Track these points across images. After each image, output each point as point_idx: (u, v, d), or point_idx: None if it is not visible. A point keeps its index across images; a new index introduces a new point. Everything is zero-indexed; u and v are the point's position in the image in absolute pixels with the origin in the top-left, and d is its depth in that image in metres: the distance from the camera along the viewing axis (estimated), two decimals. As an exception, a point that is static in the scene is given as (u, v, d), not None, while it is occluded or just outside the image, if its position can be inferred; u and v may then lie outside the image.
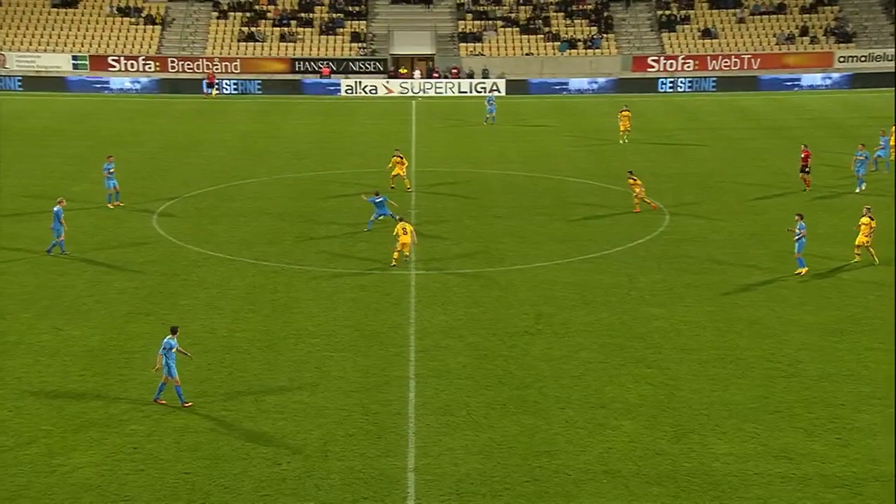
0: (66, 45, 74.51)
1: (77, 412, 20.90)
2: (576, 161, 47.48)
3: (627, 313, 26.76)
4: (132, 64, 72.77)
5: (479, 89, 71.59)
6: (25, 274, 29.79)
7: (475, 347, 24.48)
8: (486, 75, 73.52)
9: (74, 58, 72.72)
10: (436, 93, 71.59)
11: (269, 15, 78.55)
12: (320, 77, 72.75)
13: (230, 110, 64.02)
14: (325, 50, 75.88)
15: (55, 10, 77.39)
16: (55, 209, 31.32)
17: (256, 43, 76.01)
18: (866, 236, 30.29)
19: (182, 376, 22.54)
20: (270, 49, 75.74)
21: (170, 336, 21.22)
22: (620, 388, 22.15)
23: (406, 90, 71.61)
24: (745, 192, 40.81)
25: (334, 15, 78.90)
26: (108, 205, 37.75)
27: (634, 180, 37.21)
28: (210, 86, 69.78)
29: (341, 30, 77.52)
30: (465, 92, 71.75)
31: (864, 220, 30.44)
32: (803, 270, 29.56)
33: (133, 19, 77.17)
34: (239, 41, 76.08)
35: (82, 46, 74.58)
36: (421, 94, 71.31)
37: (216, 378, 22.58)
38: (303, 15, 78.75)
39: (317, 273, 30.20)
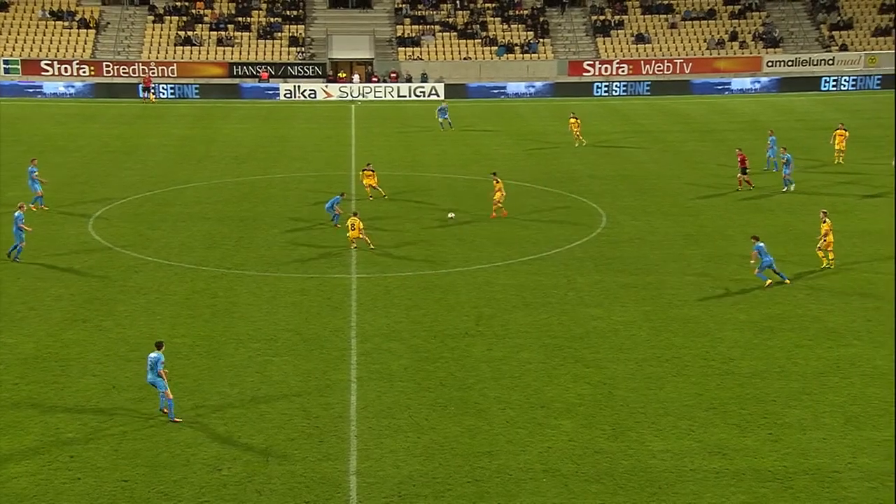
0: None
1: (12, 421, 20.42)
2: (514, 164, 47.76)
3: (566, 314, 26.99)
4: (66, 68, 71.40)
5: (419, 93, 71.66)
6: (-43, 282, 29.05)
7: (416, 350, 24.47)
8: (424, 79, 73.60)
9: (6, 62, 71.11)
10: (375, 97, 71.44)
11: (206, 19, 77.69)
12: (259, 81, 72.16)
13: (168, 115, 63.15)
14: (264, 54, 75.26)
15: (-14, 13, 75.56)
16: (16, 214, 30.78)
17: (193, 47, 75.10)
18: (827, 241, 30.10)
19: (121, 382, 22.22)
20: (208, 53, 74.89)
21: (157, 351, 20.67)
22: (560, 387, 22.33)
23: (345, 94, 71.36)
24: (679, 193, 41.43)
25: (272, 19, 78.30)
26: (32, 206, 37.08)
27: (498, 182, 36.91)
28: (146, 90, 68.64)
29: (279, 34, 76.98)
30: (405, 96, 71.74)
31: (825, 225, 30.06)
32: (767, 282, 28.88)
33: (66, 23, 75.69)
34: (175, 45, 75.09)
35: (13, 51, 72.94)
36: (360, 98, 71.12)
37: (155, 384, 22.23)
38: (240, 19, 78.03)
39: (257, 277, 29.93)
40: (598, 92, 73.20)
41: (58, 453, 19.18)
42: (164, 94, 70.19)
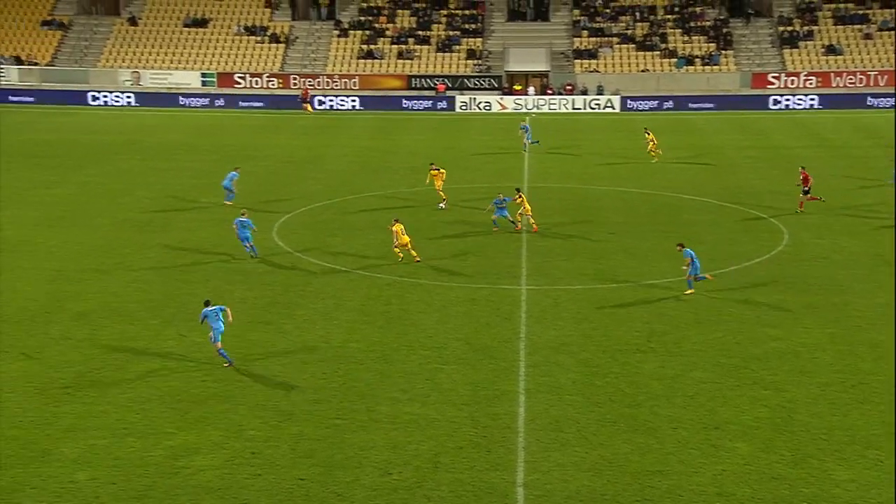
0: (195, 63, 77.21)
1: (199, 416, 21.52)
2: (691, 178, 46.58)
3: (743, 333, 26.04)
4: (256, 81, 74.96)
5: (594, 105, 71.13)
6: (153, 282, 30.91)
7: (586, 364, 24.21)
8: (600, 92, 72.97)
9: (203, 75, 75.32)
10: (550, 109, 71.39)
11: (387, 33, 79.84)
12: (436, 94, 73.49)
13: (349, 126, 65.23)
14: (441, 67, 76.61)
15: (187, 29, 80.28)
16: (241, 220, 32.87)
17: (375, 60, 77.32)
18: None
19: (299, 384, 23.03)
20: (388, 66, 76.92)
21: (209, 307, 24.15)
22: (735, 409, 21.55)
23: (520, 106, 71.66)
24: (868, 211, 39.26)
25: (451, 33, 79.62)
26: (228, 203, 40.45)
27: (521, 198, 36.03)
28: (304, 101, 70.90)
29: (457, 47, 78.16)
30: (580, 109, 71.38)
31: None
32: (690, 291, 29.05)
33: (259, 38, 79.49)
34: (358, 59, 77.53)
35: (211, 64, 77.16)
36: (535, 110, 71.23)
37: (330, 387, 22.96)
38: (420, 33, 79.75)
39: (429, 286, 30.40)
40: (781, 105, 70.44)
41: (241, 449, 20.07)
42: (344, 105, 72.58)
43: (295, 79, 75.02)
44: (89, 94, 72.34)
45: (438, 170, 41.14)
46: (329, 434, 20.63)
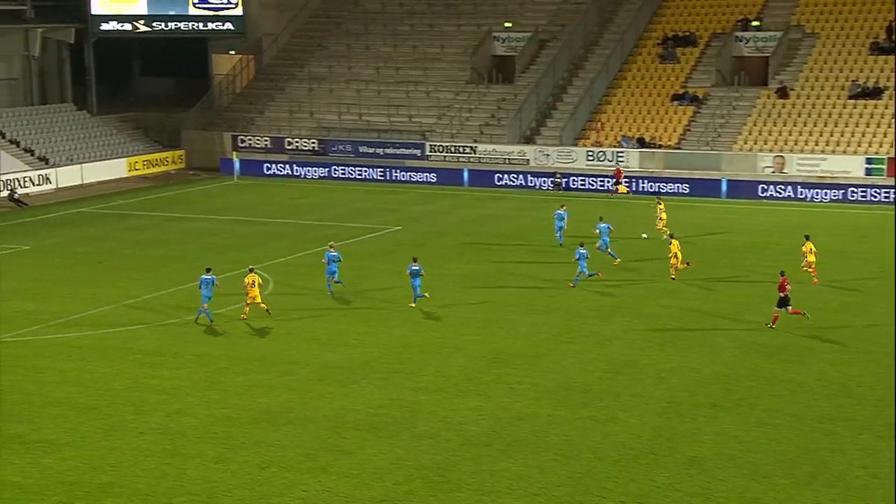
0: (860, 146, 75.95)
1: None
2: None
3: None
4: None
5: None
6: (784, 428, 30.82)
7: None
8: None
9: (869, 161, 73.72)
10: None
11: None
12: None
13: None
14: None
15: (852, 101, 79.30)
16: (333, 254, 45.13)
17: None
18: None
19: None
20: None
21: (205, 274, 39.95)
22: None
23: None
24: None
25: None
26: None
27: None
28: (616, 182, 74.09)
29: None
30: None
31: None
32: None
33: None
34: None
35: (880, 146, 75.36)
36: None
37: None
38: None
39: None
40: None
41: None
42: None
43: None
44: (721, 183, 75.00)
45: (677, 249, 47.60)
46: None
